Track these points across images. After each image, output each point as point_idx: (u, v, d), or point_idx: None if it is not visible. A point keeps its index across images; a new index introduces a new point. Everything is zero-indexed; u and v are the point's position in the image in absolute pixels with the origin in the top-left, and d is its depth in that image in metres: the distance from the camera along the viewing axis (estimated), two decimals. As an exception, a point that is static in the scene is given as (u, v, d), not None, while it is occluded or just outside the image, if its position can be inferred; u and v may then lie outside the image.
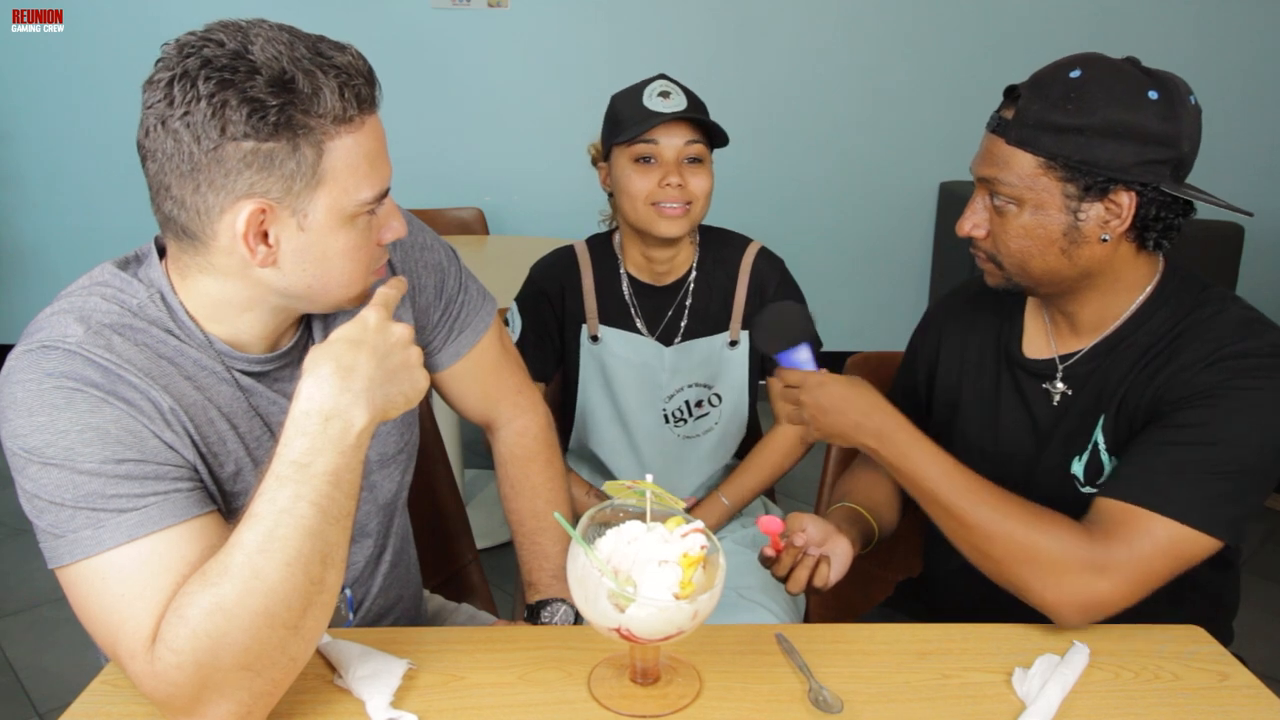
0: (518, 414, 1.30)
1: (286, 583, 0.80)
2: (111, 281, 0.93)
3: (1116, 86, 1.02)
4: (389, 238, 0.96)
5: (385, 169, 0.91)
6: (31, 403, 0.83)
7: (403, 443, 1.15)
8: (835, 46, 3.74)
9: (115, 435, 0.84)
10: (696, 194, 1.52)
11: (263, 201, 0.85)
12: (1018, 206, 1.07)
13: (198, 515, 0.87)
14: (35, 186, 3.78)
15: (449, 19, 3.68)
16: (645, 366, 1.63)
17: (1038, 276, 1.11)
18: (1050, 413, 1.18)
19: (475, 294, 1.24)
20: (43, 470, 0.83)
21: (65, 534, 0.83)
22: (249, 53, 0.81)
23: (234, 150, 0.82)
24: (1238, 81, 3.73)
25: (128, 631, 0.81)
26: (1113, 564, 0.99)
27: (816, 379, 1.16)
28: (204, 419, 0.93)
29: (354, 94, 0.85)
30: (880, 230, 3.93)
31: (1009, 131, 1.06)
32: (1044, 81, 1.05)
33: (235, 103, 0.80)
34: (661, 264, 1.62)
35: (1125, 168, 1.02)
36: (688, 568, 0.87)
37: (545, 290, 1.65)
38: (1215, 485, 1.00)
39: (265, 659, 0.81)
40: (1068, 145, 1.02)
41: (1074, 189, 1.04)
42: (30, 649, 2.31)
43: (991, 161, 1.08)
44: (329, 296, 0.94)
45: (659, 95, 1.50)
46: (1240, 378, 1.02)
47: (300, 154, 0.84)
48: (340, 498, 0.83)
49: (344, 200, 0.88)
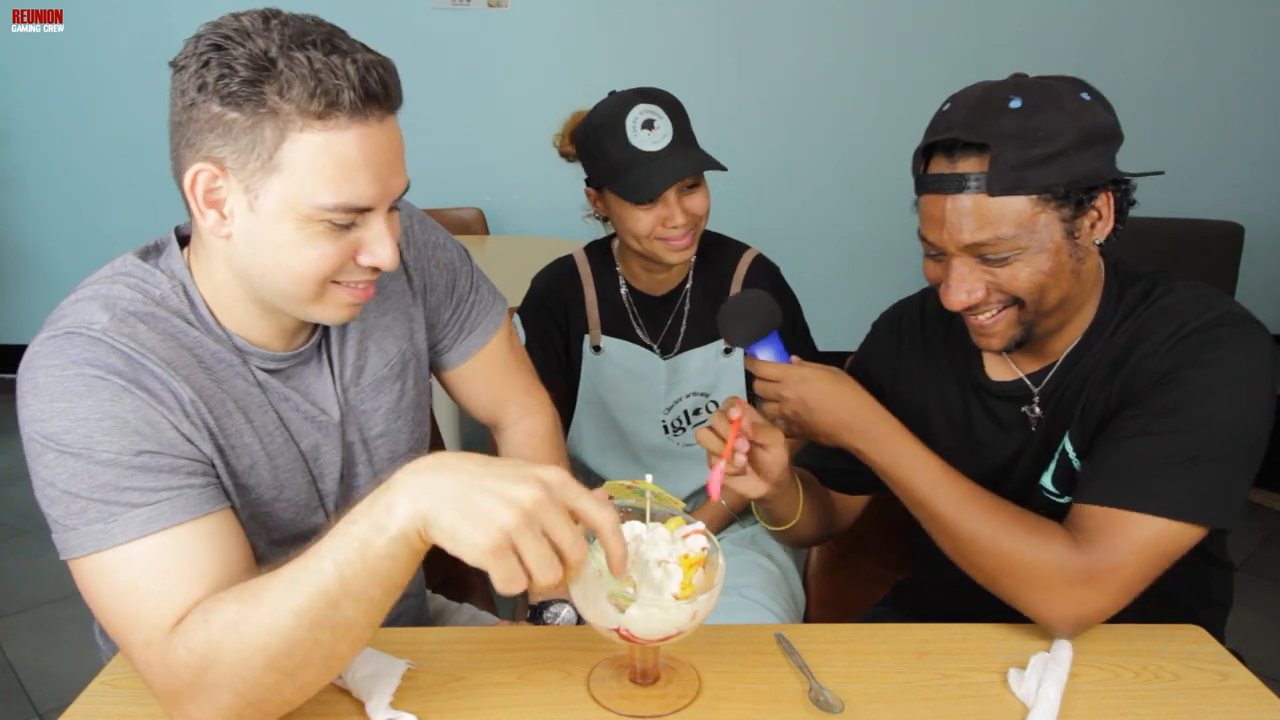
0: (525, 414, 1.31)
1: (292, 631, 0.78)
2: (134, 271, 0.94)
3: (1059, 101, 0.99)
4: (367, 261, 0.91)
5: (365, 185, 0.86)
6: (54, 388, 0.84)
7: (414, 440, 1.16)
8: (835, 46, 3.75)
9: (134, 425, 0.85)
10: (698, 216, 1.51)
11: (218, 167, 0.85)
12: (1019, 253, 1.01)
13: (209, 513, 0.87)
14: (35, 186, 3.78)
15: (449, 19, 3.68)
16: (645, 377, 1.63)
17: (1052, 306, 1.05)
18: (1026, 436, 1.16)
19: (486, 294, 1.25)
20: (59, 458, 0.83)
21: (77, 526, 0.83)
22: (257, 30, 0.82)
23: (203, 111, 0.83)
24: (1236, 81, 3.73)
25: (142, 623, 0.82)
26: (1100, 574, 0.98)
27: (799, 373, 1.12)
28: (222, 411, 0.93)
29: (328, 93, 0.82)
30: (880, 230, 3.93)
31: (991, 184, 0.98)
32: (996, 124, 0.98)
33: (213, 64, 0.82)
34: (659, 275, 1.62)
35: (1102, 172, 1.01)
36: (688, 569, 0.87)
37: (547, 303, 1.65)
38: (1192, 472, 0.98)
39: (255, 691, 0.80)
40: (1054, 172, 0.99)
41: (1067, 211, 1.01)
42: (30, 649, 2.31)
43: (980, 224, 1.00)
44: (281, 291, 0.91)
45: (643, 128, 1.44)
46: (1202, 352, 1.00)
47: (260, 132, 0.83)
48: (364, 574, 0.77)
49: (298, 196, 0.85)
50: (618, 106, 1.47)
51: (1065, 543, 1.00)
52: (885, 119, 3.80)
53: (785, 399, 1.12)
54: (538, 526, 0.76)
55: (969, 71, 4.01)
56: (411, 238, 1.14)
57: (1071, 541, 1.00)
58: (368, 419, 1.08)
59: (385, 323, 1.10)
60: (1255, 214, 3.54)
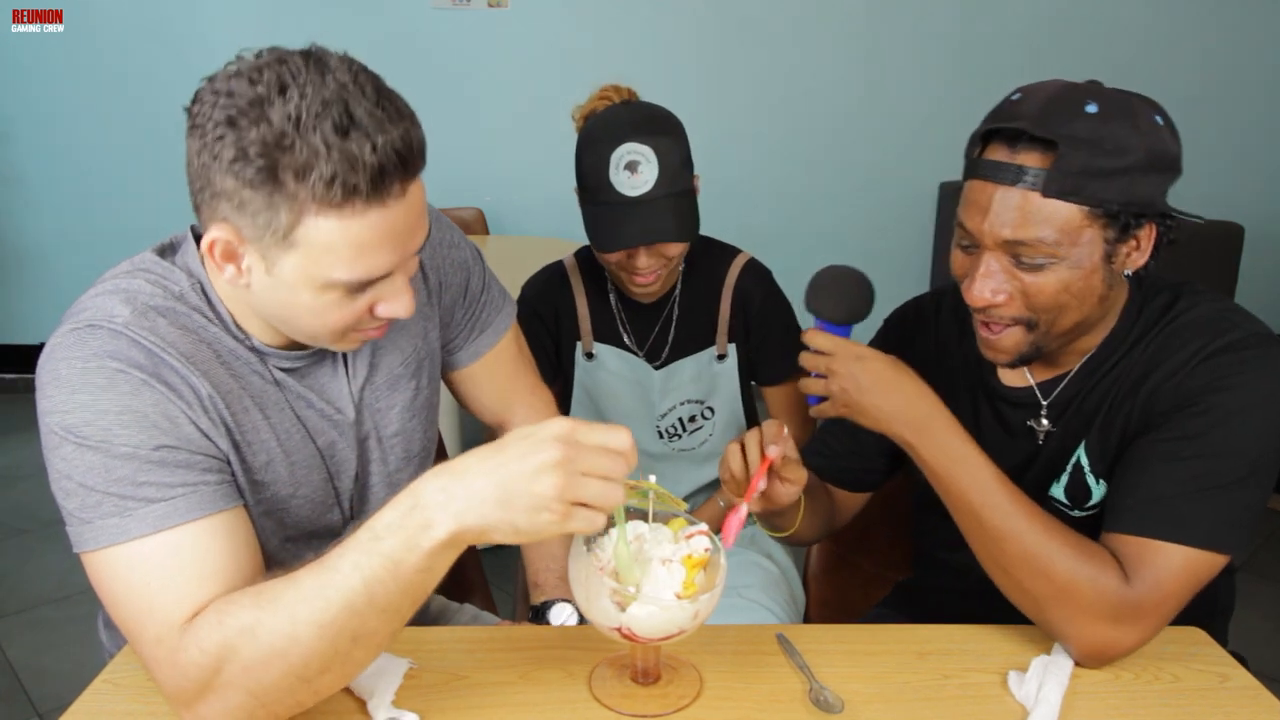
0: (532, 415, 1.31)
1: (314, 641, 0.78)
2: (154, 268, 0.94)
3: (1134, 117, 0.96)
4: (385, 313, 0.91)
5: (381, 258, 0.85)
6: (75, 380, 0.84)
7: (426, 439, 1.16)
8: (835, 46, 3.74)
9: (153, 420, 0.85)
10: (667, 259, 1.44)
11: (234, 234, 0.83)
12: (1055, 262, 0.97)
13: (223, 510, 0.87)
14: (35, 186, 3.78)
15: (449, 19, 3.68)
16: (639, 384, 1.62)
17: (1069, 327, 1.02)
18: (1035, 447, 1.14)
19: (497, 294, 1.25)
20: (77, 451, 0.83)
21: (92, 520, 0.83)
22: (272, 103, 0.78)
23: (219, 180, 0.81)
24: (1236, 81, 3.73)
25: (154, 619, 0.82)
26: (1142, 607, 0.95)
27: (854, 350, 1.05)
28: (239, 407, 0.93)
29: (345, 186, 0.79)
30: (880, 230, 3.93)
31: (1048, 185, 0.94)
32: (1066, 125, 0.94)
33: (227, 141, 0.79)
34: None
35: (1154, 200, 0.97)
36: (691, 569, 0.88)
37: (538, 310, 1.63)
38: (1224, 499, 0.96)
39: (269, 694, 0.81)
40: (1113, 189, 0.94)
41: (1113, 233, 0.97)
42: (30, 649, 2.31)
43: (1024, 221, 0.95)
44: (298, 332, 0.93)
45: (625, 168, 1.36)
46: (1228, 375, 0.98)
47: (275, 213, 0.81)
48: (394, 589, 0.78)
49: (314, 271, 0.84)
50: (612, 133, 1.39)
51: (1114, 573, 0.96)
52: (886, 119, 3.80)
53: (836, 373, 1.05)
54: (578, 474, 0.77)
55: (970, 71, 4.00)
56: (427, 236, 1.14)
57: (1122, 573, 0.96)
58: (383, 417, 1.08)
59: (401, 321, 1.09)
60: (1255, 214, 3.55)
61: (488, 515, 0.76)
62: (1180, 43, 3.68)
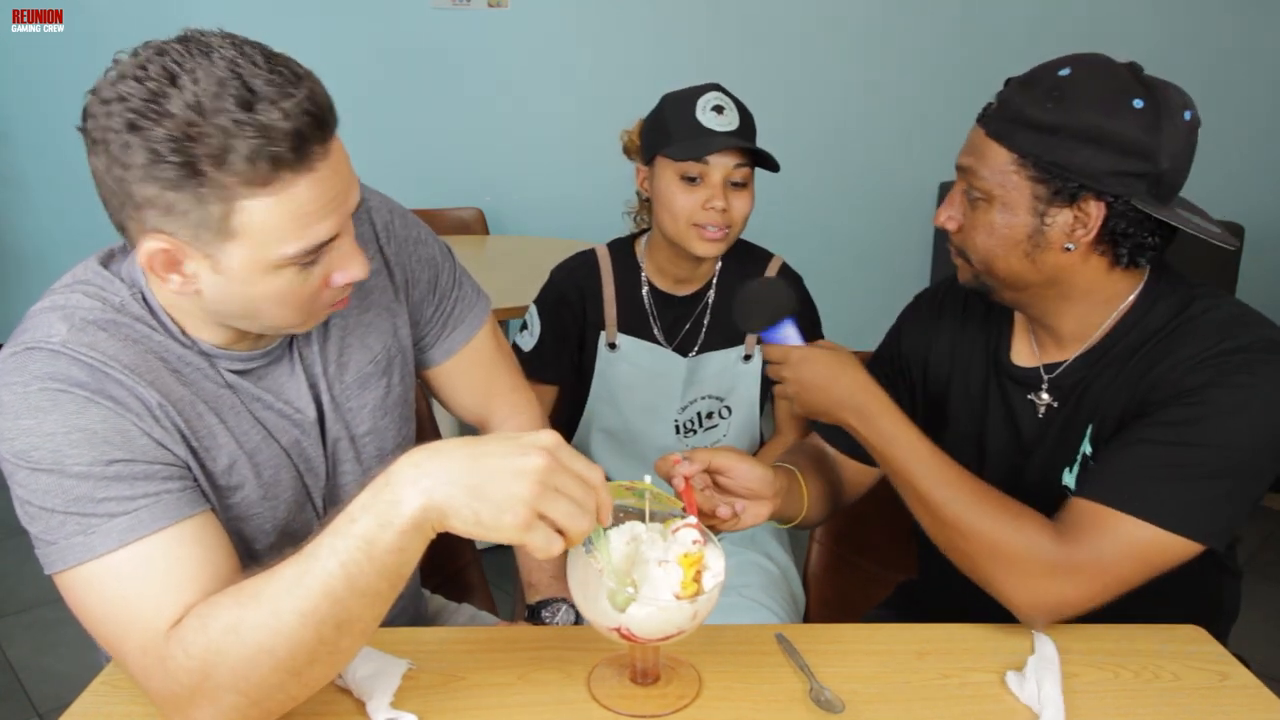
0: (513, 414, 1.30)
1: (298, 632, 0.78)
2: (93, 280, 0.93)
3: (1103, 90, 0.99)
4: (342, 280, 0.90)
5: (324, 223, 0.84)
6: (18, 405, 0.83)
7: (400, 437, 1.15)
8: (835, 46, 3.74)
9: (103, 435, 0.84)
10: (737, 218, 1.51)
11: (169, 241, 0.81)
12: (988, 202, 1.05)
13: (189, 516, 0.86)
14: (35, 186, 3.77)
15: (449, 19, 3.68)
16: (662, 376, 1.63)
17: (1001, 277, 1.08)
18: (1035, 424, 1.16)
19: (469, 291, 1.24)
20: (31, 475, 0.83)
21: (57, 540, 0.83)
22: (167, 95, 0.76)
23: (138, 190, 0.79)
24: (1236, 81, 3.73)
25: (135, 630, 0.81)
26: (1078, 566, 0.97)
27: (800, 354, 1.13)
28: (193, 413, 0.92)
29: (269, 159, 0.77)
30: (880, 230, 3.92)
31: (990, 123, 1.04)
32: (1034, 76, 1.03)
33: (135, 147, 0.76)
34: (685, 273, 1.62)
35: (1097, 176, 0.99)
36: (688, 568, 0.88)
37: (566, 295, 1.64)
38: (1192, 487, 0.97)
39: (260, 691, 0.80)
40: (1041, 144, 1.00)
41: (1043, 191, 1.01)
42: (30, 649, 2.31)
43: (970, 150, 1.06)
44: (264, 325, 0.91)
45: (713, 109, 1.48)
46: (1229, 375, 0.98)
47: (205, 206, 0.79)
48: (371, 572, 0.77)
49: (260, 254, 0.83)
50: (693, 90, 1.51)
51: (1045, 532, 1.00)
52: (885, 119, 3.80)
53: (786, 379, 1.15)
54: (553, 488, 0.77)
55: (970, 71, 4.00)
56: (392, 233, 1.13)
57: (1053, 532, 1.00)
58: (354, 416, 1.07)
59: (368, 319, 1.09)
60: (1255, 214, 3.55)
61: (455, 497, 0.76)
62: (1181, 43, 3.68)
